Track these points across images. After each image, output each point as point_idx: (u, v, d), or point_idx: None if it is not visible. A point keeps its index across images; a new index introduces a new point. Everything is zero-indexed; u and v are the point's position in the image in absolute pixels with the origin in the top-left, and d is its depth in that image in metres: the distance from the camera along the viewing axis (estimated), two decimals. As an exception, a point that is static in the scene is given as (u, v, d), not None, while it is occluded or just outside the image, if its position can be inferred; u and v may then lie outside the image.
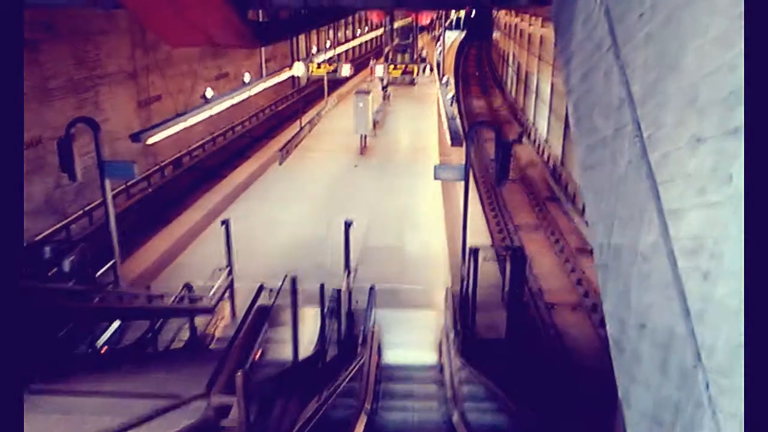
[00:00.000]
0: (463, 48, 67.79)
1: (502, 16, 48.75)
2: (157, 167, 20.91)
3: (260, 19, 11.44)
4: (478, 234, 13.50)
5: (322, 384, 6.97)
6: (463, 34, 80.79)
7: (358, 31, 51.08)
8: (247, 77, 17.04)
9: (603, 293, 2.80)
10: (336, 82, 37.57)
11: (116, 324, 9.60)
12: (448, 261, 12.99)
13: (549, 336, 11.91)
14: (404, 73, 20.86)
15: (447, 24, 54.63)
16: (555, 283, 14.83)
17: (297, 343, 7.83)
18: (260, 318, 7.61)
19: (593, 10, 3.15)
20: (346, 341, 9.28)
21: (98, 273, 10.48)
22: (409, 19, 46.29)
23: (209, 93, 14.11)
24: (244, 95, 15.93)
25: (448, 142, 12.98)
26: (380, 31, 52.43)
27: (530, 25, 31.58)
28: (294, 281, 7.50)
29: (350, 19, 50.81)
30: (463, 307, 9.73)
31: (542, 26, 27.91)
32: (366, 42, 54.40)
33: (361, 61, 45.24)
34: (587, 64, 3.20)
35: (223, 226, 10.33)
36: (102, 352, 8.99)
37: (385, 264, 12.86)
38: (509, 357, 9.08)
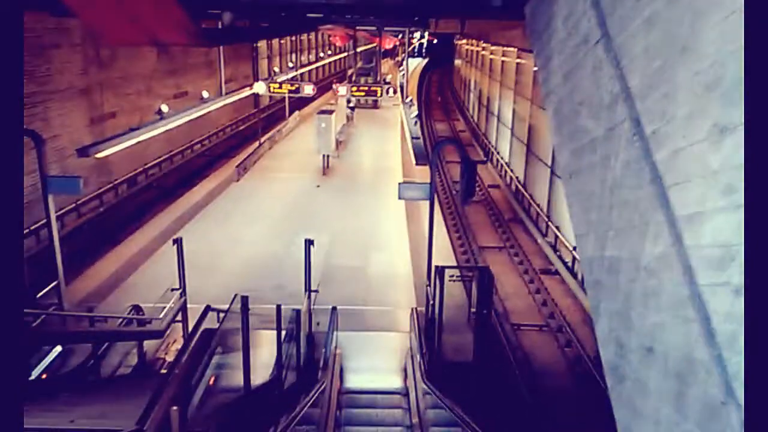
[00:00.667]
0: (425, 74, 68.48)
1: (464, 44, 49.45)
2: (111, 185, 20.11)
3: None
4: (443, 255, 13.22)
5: (280, 412, 6.50)
6: (425, 61, 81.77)
7: (321, 54, 51.07)
8: (206, 96, 16.60)
9: (595, 313, 2.50)
10: (299, 103, 37.32)
11: (58, 349, 8.93)
12: (412, 281, 12.66)
13: (516, 358, 11.63)
14: (368, 94, 20.61)
15: (410, 50, 55.11)
16: (520, 303, 14.63)
17: (248, 368, 7.34)
18: (206, 342, 7.08)
19: (577, 3, 2.90)
20: (306, 366, 8.80)
21: (39, 294, 9.78)
22: (373, 44, 46.50)
23: (164, 108, 13.58)
24: (201, 112, 15.39)
25: (413, 161, 12.72)
26: (343, 55, 52.50)
27: (491, 53, 32.02)
28: (245, 301, 7.02)
29: (313, 42, 50.79)
30: (429, 328, 9.37)
31: (503, 54, 28.34)
32: (329, 64, 54.40)
33: (324, 83, 45.11)
34: (571, 62, 2.94)
35: (175, 245, 9.77)
36: (43, 378, 8.33)
37: (347, 284, 12.45)
38: (476, 381, 8.73)
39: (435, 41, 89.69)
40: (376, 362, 9.53)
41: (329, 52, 53.35)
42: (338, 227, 15.74)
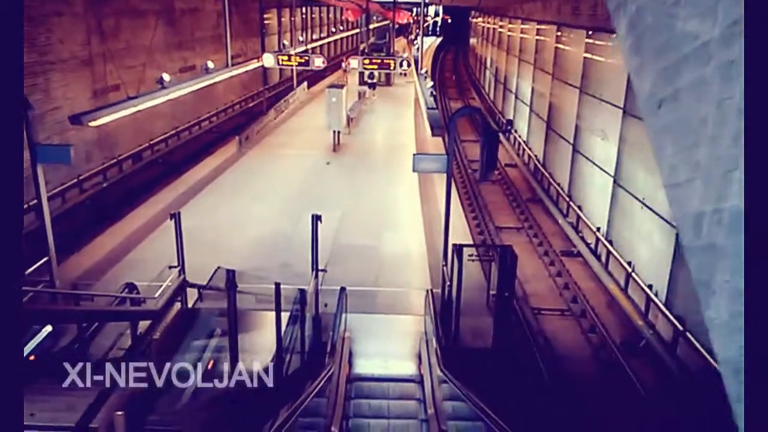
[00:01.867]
0: (439, 53, 67.11)
1: (479, 22, 48.23)
2: (114, 161, 19.49)
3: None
4: (458, 235, 12.44)
5: (280, 402, 5.81)
6: (439, 40, 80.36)
7: (333, 29, 50.01)
8: (211, 66, 15.84)
9: (705, 291, 1.77)
10: (310, 82, 36.45)
11: (48, 329, 8.32)
12: (427, 261, 11.94)
13: (537, 344, 10.89)
14: (380, 66, 19.75)
15: (424, 27, 53.92)
16: (540, 287, 13.86)
17: (236, 353, 6.68)
18: (183, 322, 6.43)
19: None
20: (312, 350, 8.12)
21: (29, 270, 9.15)
22: (386, 21, 45.37)
23: (166, 77, 12.83)
24: (205, 83, 14.64)
25: (428, 132, 11.93)
26: (355, 31, 51.39)
27: (509, 29, 30.94)
28: (230, 276, 6.32)
29: (324, 19, 49.72)
30: (446, 311, 8.65)
31: (521, 30, 27.30)
32: (341, 41, 53.36)
33: (337, 61, 44.18)
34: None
35: (173, 219, 9.09)
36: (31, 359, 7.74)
37: (358, 264, 11.74)
38: (497, 368, 8.01)
39: (449, 20, 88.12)
40: (388, 347, 8.83)
41: (341, 28, 52.21)
42: (349, 205, 15.01)
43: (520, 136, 25.55)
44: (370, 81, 28.23)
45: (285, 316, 7.63)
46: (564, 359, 10.93)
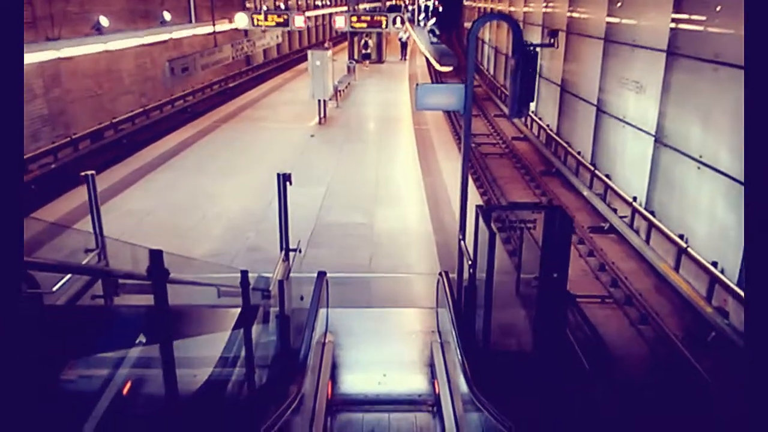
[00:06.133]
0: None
1: (475, 3, 46.03)
2: (69, 140, 16.94)
3: None
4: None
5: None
6: (432, 21, 77.82)
7: (318, 2, 47.24)
8: (167, 17, 13.22)
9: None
10: (297, 59, 33.84)
11: None
12: (433, 240, 9.46)
13: (579, 340, 8.40)
14: (370, 25, 17.18)
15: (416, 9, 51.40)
16: (570, 269, 11.35)
17: (170, 366, 4.21)
18: (94, 326, 4.04)
19: None
20: (278, 360, 5.65)
21: None
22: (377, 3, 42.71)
23: (104, 21, 10.27)
24: (160, 36, 12.08)
25: (436, 65, 9.45)
26: (343, 8, 48.70)
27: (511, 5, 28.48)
28: (156, 257, 3.84)
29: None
30: (468, 302, 6.16)
31: (525, 5, 24.89)
32: (327, 19, 50.57)
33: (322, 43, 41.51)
34: None
35: (85, 184, 6.53)
36: None
37: (346, 245, 9.27)
38: (541, 381, 5.54)
39: (441, 8, 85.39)
40: (387, 353, 6.33)
41: (326, 2, 49.42)
42: (335, 180, 12.52)
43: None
44: (364, 51, 25.51)
45: (233, 315, 5.14)
46: (615, 362, 8.47)
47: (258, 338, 5.75)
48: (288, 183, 6.65)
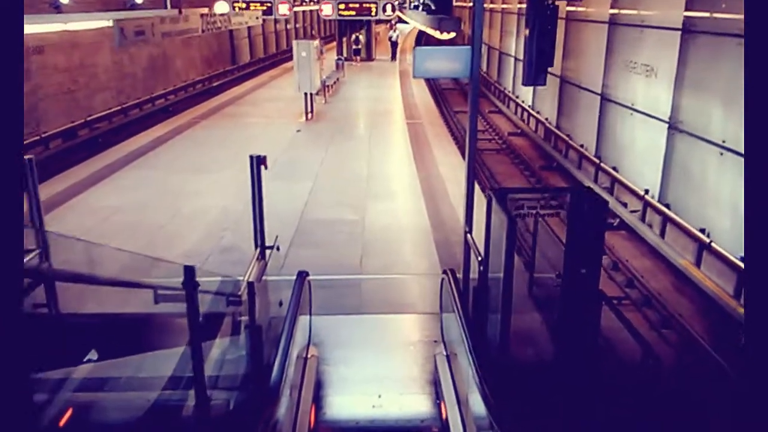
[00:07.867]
0: (421, 37, 63.67)
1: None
2: (39, 138, 15.85)
3: None
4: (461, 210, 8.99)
5: None
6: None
7: None
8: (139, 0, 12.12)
9: None
10: (283, 59, 32.75)
11: None
12: (432, 238, 8.46)
13: (614, 348, 7.41)
14: (359, 12, 16.21)
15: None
16: (580, 269, 10.39)
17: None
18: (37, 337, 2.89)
19: None
20: (246, 380, 4.61)
21: None
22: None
23: (63, -1, 9.26)
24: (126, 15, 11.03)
25: (436, 33, 8.50)
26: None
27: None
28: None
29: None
30: (476, 305, 5.15)
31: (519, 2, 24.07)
32: (311, 17, 49.71)
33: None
34: None
35: (30, 170, 5.48)
36: None
37: (333, 244, 8.25)
38: (575, 400, 4.55)
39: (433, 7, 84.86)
40: (382, 370, 5.30)
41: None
42: (323, 176, 11.52)
43: (523, 102, 22.12)
44: (355, 47, 24.52)
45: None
46: (635, 373, 7.46)
47: (224, 353, 4.72)
48: (263, 167, 5.65)
